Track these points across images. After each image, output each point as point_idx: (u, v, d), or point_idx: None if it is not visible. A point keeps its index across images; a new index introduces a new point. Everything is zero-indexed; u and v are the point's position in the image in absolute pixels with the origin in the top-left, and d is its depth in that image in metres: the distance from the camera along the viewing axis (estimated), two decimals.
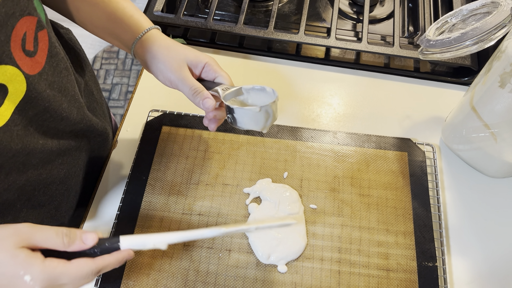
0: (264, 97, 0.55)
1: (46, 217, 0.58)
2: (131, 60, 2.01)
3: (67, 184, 0.59)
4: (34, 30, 0.47)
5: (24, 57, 0.46)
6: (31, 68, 0.47)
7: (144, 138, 0.67)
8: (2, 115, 0.45)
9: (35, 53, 0.48)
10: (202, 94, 0.54)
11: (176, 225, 0.59)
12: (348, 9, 0.89)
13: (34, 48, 0.48)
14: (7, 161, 0.47)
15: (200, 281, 0.55)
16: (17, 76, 0.45)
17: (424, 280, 0.56)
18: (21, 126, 0.48)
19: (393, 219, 0.61)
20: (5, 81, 0.44)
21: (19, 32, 0.45)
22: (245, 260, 0.57)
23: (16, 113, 0.46)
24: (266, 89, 0.54)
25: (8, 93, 0.45)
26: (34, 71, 0.48)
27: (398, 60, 0.82)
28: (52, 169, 0.55)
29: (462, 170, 0.67)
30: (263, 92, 0.55)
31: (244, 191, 0.62)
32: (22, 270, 0.41)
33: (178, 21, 0.79)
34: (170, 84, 0.57)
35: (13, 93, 0.46)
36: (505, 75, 0.54)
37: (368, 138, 0.68)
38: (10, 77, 0.45)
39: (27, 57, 0.47)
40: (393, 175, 0.64)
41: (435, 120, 0.73)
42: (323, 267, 0.57)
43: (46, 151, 0.52)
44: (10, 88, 0.45)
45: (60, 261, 0.42)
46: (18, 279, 0.41)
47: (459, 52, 0.58)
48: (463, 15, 0.64)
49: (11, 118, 0.46)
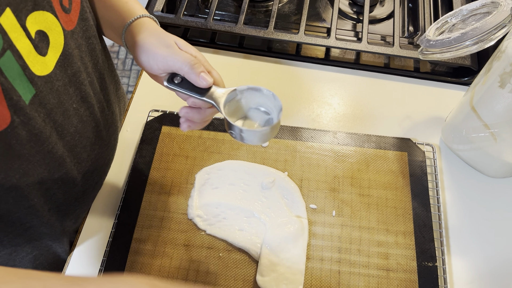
0: (259, 97, 0.52)
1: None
2: (131, 60, 2.01)
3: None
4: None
5: (61, 10, 0.46)
6: (65, 23, 0.48)
7: (144, 138, 0.67)
8: (47, 65, 0.45)
9: (69, 11, 0.48)
10: (197, 66, 0.49)
11: (176, 225, 0.59)
12: (348, 9, 0.89)
13: (69, 6, 0.48)
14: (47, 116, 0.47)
15: (200, 281, 0.55)
16: (56, 27, 0.46)
17: (424, 280, 0.56)
18: (62, 82, 0.48)
19: (393, 219, 0.61)
20: (46, 28, 0.45)
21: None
22: (246, 260, 0.57)
23: (57, 68, 0.47)
24: (263, 91, 0.51)
25: (50, 43, 0.46)
26: (68, 27, 0.48)
27: (398, 60, 0.82)
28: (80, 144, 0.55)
29: (462, 170, 0.67)
30: (258, 92, 0.51)
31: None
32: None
33: (178, 21, 0.79)
34: (157, 68, 0.51)
35: (54, 44, 0.46)
36: (505, 75, 0.54)
37: (368, 138, 0.68)
38: (51, 25, 0.45)
39: (63, 12, 0.47)
40: (393, 175, 0.64)
41: (435, 120, 0.73)
42: (323, 267, 0.57)
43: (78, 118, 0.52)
44: (50, 38, 0.46)
45: None
46: None
47: (459, 52, 0.58)
48: (463, 15, 0.64)
49: (53, 71, 0.46)
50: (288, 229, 0.58)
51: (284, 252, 0.56)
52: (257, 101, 0.53)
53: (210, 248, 0.58)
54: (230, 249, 0.58)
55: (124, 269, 0.55)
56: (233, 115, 0.52)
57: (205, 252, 0.57)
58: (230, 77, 0.77)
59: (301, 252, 0.57)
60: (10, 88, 0.42)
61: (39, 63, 0.44)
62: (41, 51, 0.45)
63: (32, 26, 0.43)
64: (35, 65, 0.44)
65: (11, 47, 0.41)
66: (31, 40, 0.43)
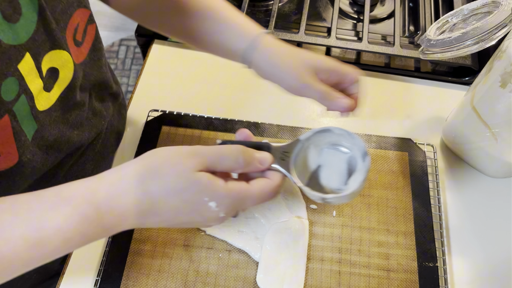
0: (330, 137, 0.45)
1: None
2: (130, 60, 2.00)
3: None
4: (86, 23, 0.49)
5: (73, 45, 0.48)
6: (76, 57, 0.49)
7: (144, 138, 0.67)
8: (49, 100, 0.46)
9: (81, 44, 0.50)
10: (333, 95, 0.49)
11: None
12: (348, 8, 0.89)
13: (82, 39, 0.50)
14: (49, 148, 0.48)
15: (200, 282, 0.55)
16: (68, 63, 0.47)
17: (425, 280, 0.56)
18: (60, 112, 0.48)
19: (393, 219, 0.61)
20: (59, 65, 0.46)
21: (74, 22, 0.47)
22: (246, 260, 0.57)
23: (58, 100, 0.47)
24: (334, 131, 0.44)
25: (58, 78, 0.47)
26: (78, 60, 0.50)
27: (398, 60, 0.82)
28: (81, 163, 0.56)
29: (462, 170, 0.67)
30: (327, 133, 0.45)
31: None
32: (207, 196, 0.37)
33: None
34: (294, 92, 0.51)
35: (62, 78, 0.47)
36: (506, 75, 0.53)
37: (369, 138, 0.68)
38: (64, 62, 0.46)
39: (75, 46, 0.48)
40: (394, 175, 0.64)
41: (436, 120, 0.73)
42: (323, 267, 0.57)
43: (78, 143, 0.53)
44: (61, 74, 0.47)
45: (242, 184, 0.39)
46: (203, 205, 0.37)
47: (460, 52, 0.58)
48: (463, 15, 0.63)
49: (54, 104, 0.47)
50: (289, 229, 0.58)
51: (284, 252, 0.56)
52: (328, 140, 0.47)
53: (210, 249, 0.57)
54: (230, 249, 0.57)
55: (124, 269, 0.55)
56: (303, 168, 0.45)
57: (205, 252, 0.57)
58: (230, 78, 0.77)
59: (301, 252, 0.56)
60: (20, 130, 0.43)
61: (44, 99, 0.45)
62: (47, 88, 0.46)
63: (46, 65, 0.44)
64: (40, 102, 0.45)
65: (25, 91, 0.42)
66: (42, 79, 0.44)
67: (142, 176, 0.37)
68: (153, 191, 0.37)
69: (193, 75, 0.77)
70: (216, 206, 0.38)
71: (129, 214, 0.37)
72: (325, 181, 0.46)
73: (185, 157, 0.37)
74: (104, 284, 0.54)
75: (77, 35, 0.48)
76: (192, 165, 0.37)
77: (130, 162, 0.39)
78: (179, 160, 0.37)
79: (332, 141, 0.46)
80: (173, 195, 0.37)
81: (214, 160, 0.38)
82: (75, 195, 0.37)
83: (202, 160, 0.38)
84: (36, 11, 0.41)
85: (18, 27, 0.39)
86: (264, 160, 0.42)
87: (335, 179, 0.46)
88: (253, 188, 0.39)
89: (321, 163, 0.47)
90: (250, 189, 0.39)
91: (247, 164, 0.40)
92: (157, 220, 0.38)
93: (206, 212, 0.38)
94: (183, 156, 0.38)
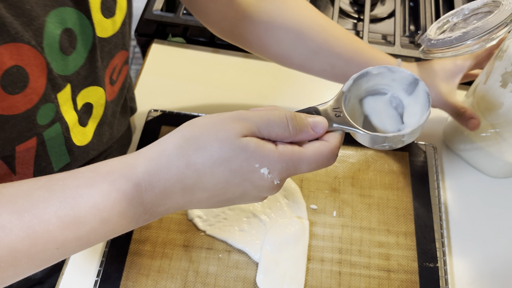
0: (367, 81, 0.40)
1: None
2: (130, 59, 2.00)
3: None
4: (122, 64, 0.52)
5: (108, 83, 0.50)
6: (109, 95, 0.51)
7: (144, 138, 0.67)
8: (86, 135, 0.47)
9: (115, 83, 0.52)
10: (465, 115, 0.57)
11: (175, 226, 0.59)
12: (348, 8, 0.88)
13: (116, 78, 0.52)
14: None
15: (200, 282, 0.55)
16: (101, 99, 0.49)
17: (425, 281, 0.56)
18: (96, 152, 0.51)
19: (394, 219, 0.60)
20: (94, 101, 0.48)
21: (114, 62, 0.49)
22: (245, 261, 0.57)
23: (94, 137, 0.49)
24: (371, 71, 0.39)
25: (92, 114, 0.49)
26: (110, 98, 0.52)
27: None
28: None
29: (463, 170, 0.67)
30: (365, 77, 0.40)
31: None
32: (257, 162, 0.33)
33: (178, 20, 0.79)
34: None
35: (95, 115, 0.49)
36: (507, 74, 0.53)
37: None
38: (99, 99, 0.48)
39: (110, 84, 0.50)
40: (394, 175, 0.64)
41: (437, 120, 0.73)
42: (323, 268, 0.56)
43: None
44: (94, 110, 0.49)
45: (294, 147, 0.35)
46: (254, 174, 0.34)
47: (461, 52, 0.58)
48: (464, 14, 0.63)
49: (91, 141, 0.49)
50: (289, 230, 0.58)
51: (284, 253, 0.56)
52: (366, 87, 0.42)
53: (210, 249, 0.57)
54: (230, 249, 0.57)
55: (123, 270, 0.55)
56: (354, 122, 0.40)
57: (204, 253, 0.57)
58: (230, 77, 0.77)
59: (301, 253, 0.56)
60: (44, 156, 0.43)
61: (80, 133, 0.46)
62: (82, 122, 0.47)
63: (81, 99, 0.46)
64: (77, 136, 0.46)
65: (60, 120, 0.43)
66: (76, 112, 0.45)
67: (182, 148, 0.34)
68: (197, 163, 0.33)
69: (193, 75, 0.77)
70: (269, 172, 0.34)
71: (173, 190, 0.34)
72: (381, 130, 0.42)
73: (228, 122, 0.34)
74: (103, 285, 0.54)
75: (113, 74, 0.50)
76: (237, 130, 0.33)
77: (168, 135, 0.36)
78: (221, 127, 0.34)
79: (371, 85, 0.41)
80: (220, 165, 0.33)
81: (260, 126, 0.34)
82: (112, 171, 0.34)
83: (247, 125, 0.34)
84: (88, 48, 0.43)
85: (69, 59, 0.41)
86: (318, 125, 0.37)
87: (390, 124, 0.42)
88: (308, 150, 0.35)
89: (367, 113, 0.43)
90: (305, 151, 0.35)
91: (299, 131, 0.35)
92: (205, 196, 0.35)
93: (258, 180, 0.34)
94: (225, 122, 0.34)
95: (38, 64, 0.38)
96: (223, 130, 0.33)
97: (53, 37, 0.39)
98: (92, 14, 0.42)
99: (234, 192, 0.35)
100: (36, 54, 0.37)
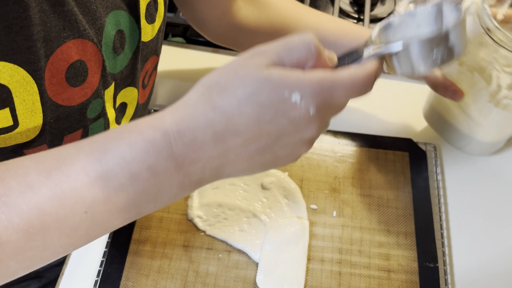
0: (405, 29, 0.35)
1: None
2: None
3: None
4: (153, 68, 0.55)
5: (141, 86, 0.53)
6: (141, 98, 0.54)
7: None
8: None
9: (146, 86, 0.55)
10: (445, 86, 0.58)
11: (175, 226, 0.59)
12: (349, 8, 0.88)
13: (147, 82, 0.55)
14: None
15: (200, 283, 0.55)
16: (135, 101, 0.52)
17: (426, 281, 0.56)
18: None
19: (394, 219, 0.60)
20: (128, 101, 0.51)
21: (147, 66, 0.52)
22: (245, 261, 0.57)
23: None
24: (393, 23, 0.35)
25: (125, 114, 0.52)
26: (141, 101, 0.55)
27: None
28: None
29: (463, 170, 0.67)
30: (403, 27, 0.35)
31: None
32: (286, 88, 0.31)
33: (178, 20, 0.79)
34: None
35: (127, 115, 0.52)
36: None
37: (369, 138, 0.68)
38: (132, 100, 0.51)
39: (142, 88, 0.54)
40: (394, 175, 0.64)
41: None
42: (323, 268, 0.56)
43: None
44: (127, 110, 0.52)
45: (325, 71, 0.32)
46: (285, 103, 0.31)
47: None
48: None
49: None
50: (289, 230, 0.58)
51: (284, 253, 0.56)
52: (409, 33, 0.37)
53: (210, 249, 0.57)
54: (230, 250, 0.57)
55: (123, 270, 0.55)
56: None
57: (204, 253, 0.57)
58: None
59: (301, 253, 0.56)
60: None
61: None
62: (118, 121, 0.51)
63: (120, 98, 0.50)
64: None
65: (104, 116, 0.47)
66: (114, 110, 0.49)
67: (205, 95, 0.32)
68: (223, 105, 0.31)
69: (193, 75, 0.77)
70: (301, 98, 0.31)
71: (203, 140, 0.31)
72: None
73: (245, 60, 0.33)
74: (103, 285, 0.54)
75: (145, 78, 0.53)
76: (255, 63, 0.32)
77: (189, 91, 0.35)
78: (239, 65, 0.33)
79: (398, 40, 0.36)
80: (246, 102, 0.31)
81: (280, 52, 0.32)
82: (140, 123, 0.32)
83: (266, 56, 0.32)
84: (133, 50, 0.48)
85: (118, 59, 0.46)
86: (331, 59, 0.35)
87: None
88: (342, 74, 0.32)
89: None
90: (338, 75, 0.32)
91: (320, 52, 0.33)
92: (239, 142, 0.32)
93: (291, 110, 0.31)
94: (242, 60, 0.33)
95: (96, 60, 0.42)
96: (241, 67, 0.32)
97: (109, 37, 0.43)
98: (140, 19, 0.47)
99: (269, 132, 0.32)
100: (96, 51, 0.42)
